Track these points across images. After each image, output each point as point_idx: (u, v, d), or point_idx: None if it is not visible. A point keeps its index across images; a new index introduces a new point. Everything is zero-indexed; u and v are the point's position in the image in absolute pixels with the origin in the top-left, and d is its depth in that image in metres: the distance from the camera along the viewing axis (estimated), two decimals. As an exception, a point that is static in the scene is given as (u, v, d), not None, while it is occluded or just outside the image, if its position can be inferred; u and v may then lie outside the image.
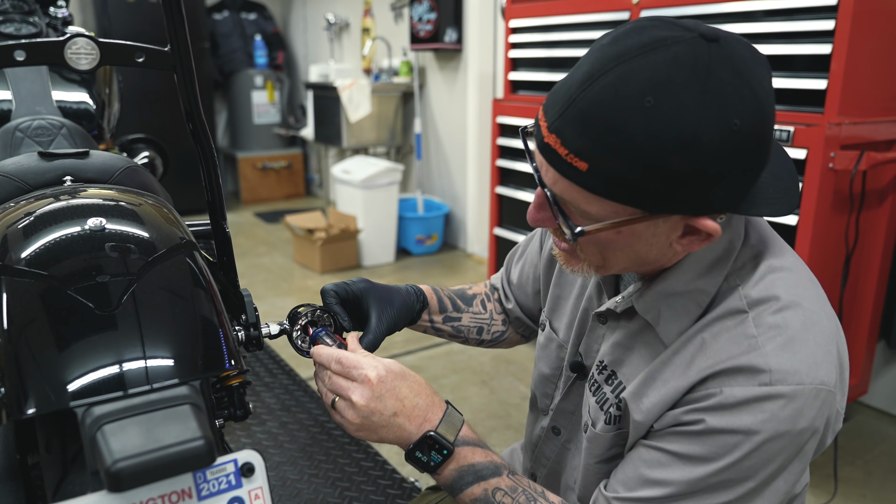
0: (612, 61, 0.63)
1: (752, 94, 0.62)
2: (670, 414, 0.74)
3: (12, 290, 0.67)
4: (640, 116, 0.61)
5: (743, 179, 0.66)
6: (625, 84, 0.61)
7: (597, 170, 0.64)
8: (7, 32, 1.52)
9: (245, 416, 0.94)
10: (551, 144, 0.66)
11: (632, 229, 0.69)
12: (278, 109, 5.70)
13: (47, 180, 0.94)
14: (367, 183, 3.91)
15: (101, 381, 0.62)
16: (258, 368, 2.68)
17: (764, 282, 0.73)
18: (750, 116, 0.62)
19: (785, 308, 0.71)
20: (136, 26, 4.61)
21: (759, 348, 0.69)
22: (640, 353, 0.80)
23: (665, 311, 0.77)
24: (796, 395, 0.68)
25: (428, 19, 3.96)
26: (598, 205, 0.67)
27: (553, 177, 0.69)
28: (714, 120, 0.61)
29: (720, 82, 0.61)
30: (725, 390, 0.69)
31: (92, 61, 0.71)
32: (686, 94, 0.60)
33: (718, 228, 0.68)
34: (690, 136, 0.60)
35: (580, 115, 0.63)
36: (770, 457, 0.69)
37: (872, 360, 2.21)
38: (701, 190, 0.64)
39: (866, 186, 1.84)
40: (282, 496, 1.90)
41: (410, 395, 0.79)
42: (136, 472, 0.55)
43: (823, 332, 0.72)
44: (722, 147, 0.61)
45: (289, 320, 0.93)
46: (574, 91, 0.64)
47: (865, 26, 1.67)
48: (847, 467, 2.06)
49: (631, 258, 0.74)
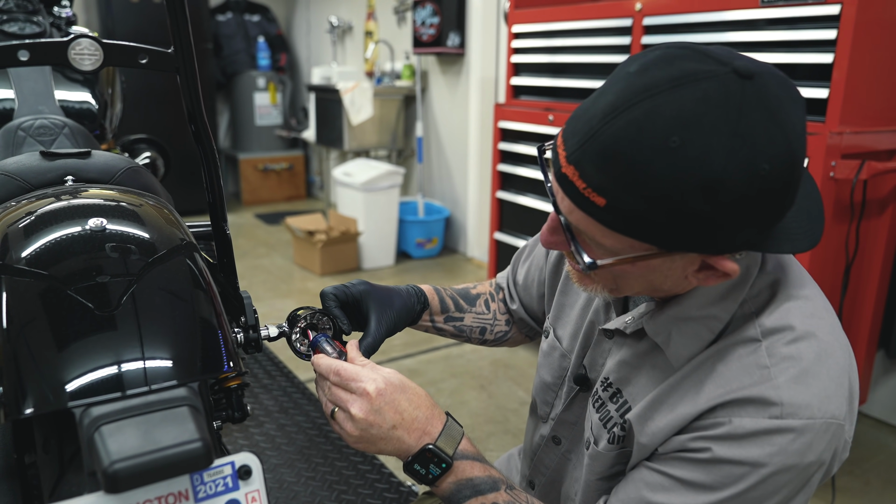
0: (638, 95, 0.59)
1: (784, 138, 0.59)
2: (676, 439, 0.72)
3: (12, 290, 0.67)
4: (665, 157, 0.58)
5: (767, 224, 0.64)
6: (650, 121, 0.58)
7: (615, 207, 0.62)
8: (11, 32, 1.52)
9: (243, 418, 0.94)
10: (569, 175, 0.64)
11: (647, 263, 0.68)
12: (280, 111, 5.71)
13: (49, 180, 0.94)
14: (368, 186, 3.91)
15: (100, 381, 0.62)
16: (256, 370, 2.68)
17: (779, 311, 0.71)
18: (780, 161, 0.59)
19: (799, 339, 0.69)
20: (140, 27, 4.62)
21: (772, 380, 0.68)
22: (647, 374, 0.79)
23: (676, 335, 0.75)
24: (806, 430, 0.66)
25: (431, 23, 3.97)
26: (614, 239, 0.65)
27: (569, 206, 0.67)
28: (742, 165, 0.57)
29: (751, 125, 0.57)
30: (735, 420, 0.68)
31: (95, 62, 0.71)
32: (715, 137, 0.57)
33: (737, 269, 0.67)
34: (716, 182, 0.58)
35: (601, 149, 0.60)
36: (775, 489, 0.68)
37: (871, 370, 2.21)
38: (722, 232, 0.62)
39: (867, 196, 1.84)
40: (278, 499, 1.89)
41: (410, 407, 0.78)
42: (133, 473, 0.55)
43: (837, 364, 0.70)
44: (748, 192, 0.59)
45: (288, 323, 0.93)
46: (596, 123, 0.61)
47: (867, 36, 1.68)
48: (845, 476, 2.06)
49: (645, 287, 0.73)
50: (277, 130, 5.70)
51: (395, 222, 4.09)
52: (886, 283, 2.05)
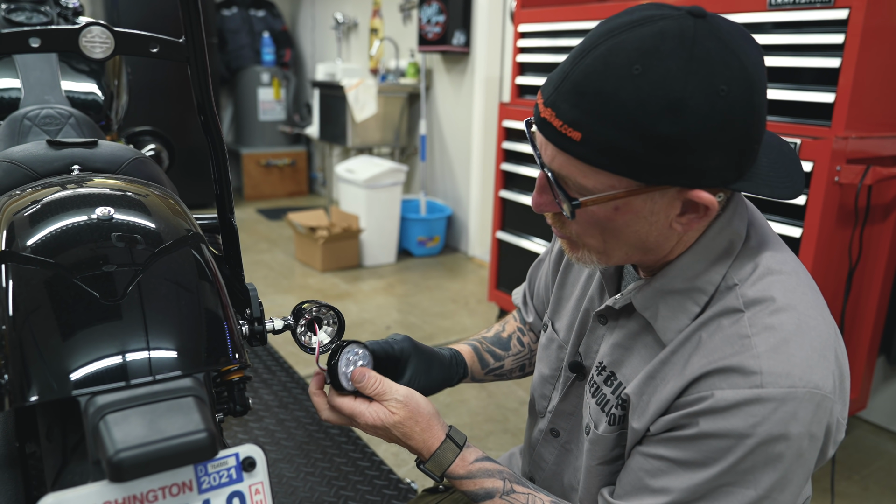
0: (602, 37, 0.66)
1: (740, 64, 0.64)
2: (664, 418, 0.74)
3: (18, 278, 0.67)
4: (629, 84, 0.63)
5: (736, 150, 0.66)
6: (613, 55, 0.64)
7: (590, 139, 0.65)
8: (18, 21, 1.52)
9: (244, 412, 0.94)
10: (547, 118, 0.69)
11: (630, 205, 0.69)
12: (284, 107, 5.70)
13: (55, 169, 0.94)
14: (371, 183, 3.91)
15: (105, 370, 0.62)
16: (257, 365, 2.68)
17: (762, 282, 0.73)
18: (738, 84, 0.64)
19: (781, 310, 0.71)
20: (145, 18, 4.61)
21: (752, 349, 0.69)
22: (639, 354, 0.81)
23: (663, 308, 0.77)
24: (788, 399, 0.67)
25: (437, 21, 3.96)
26: (595, 177, 0.68)
27: (551, 153, 0.70)
28: (701, 85, 0.62)
29: (706, 51, 0.63)
30: (717, 393, 0.69)
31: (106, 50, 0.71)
32: (672, 62, 0.62)
33: (715, 201, 0.69)
34: (678, 102, 0.62)
35: (573, 87, 0.66)
36: (766, 461, 0.68)
37: (872, 376, 2.21)
38: (693, 158, 0.65)
39: (871, 201, 1.84)
40: (277, 494, 1.89)
41: (416, 430, 0.84)
42: (138, 462, 0.54)
43: (820, 336, 0.71)
44: (711, 113, 0.63)
45: (293, 316, 0.92)
46: (567, 66, 0.68)
47: (874, 41, 1.67)
48: (844, 482, 2.05)
49: (632, 241, 0.74)
50: (281, 126, 5.69)
51: (397, 220, 4.08)
52: (888, 289, 2.05)
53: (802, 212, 1.74)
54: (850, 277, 1.87)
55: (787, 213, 1.79)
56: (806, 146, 1.71)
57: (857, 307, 2.03)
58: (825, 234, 1.74)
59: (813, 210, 1.72)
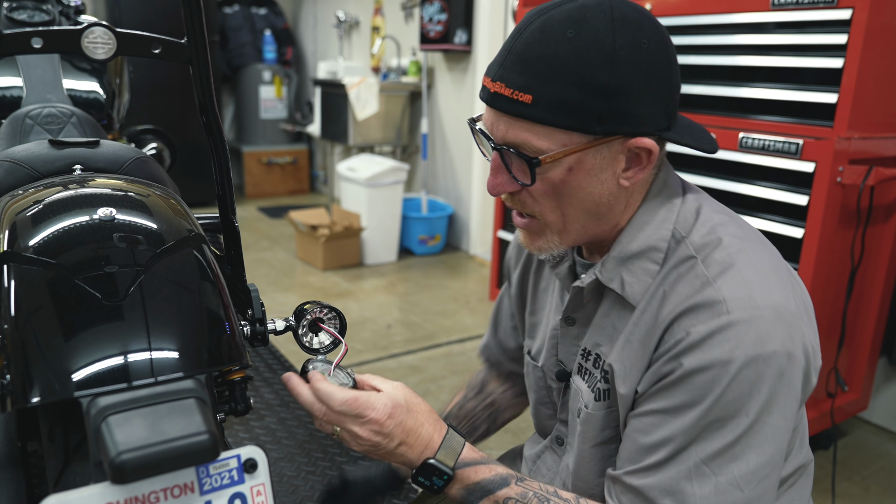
0: (533, 16, 0.75)
1: (652, 24, 0.75)
2: (649, 372, 0.77)
3: (20, 278, 0.67)
4: (567, 45, 0.72)
5: (662, 98, 0.75)
6: (548, 26, 0.73)
7: (540, 99, 0.72)
8: (20, 19, 1.52)
9: (246, 411, 0.93)
10: (498, 90, 0.75)
11: (581, 164, 0.76)
12: (285, 105, 5.70)
13: (57, 168, 0.94)
14: (372, 181, 3.90)
15: (107, 371, 0.62)
16: (257, 364, 2.68)
17: (705, 228, 0.79)
18: (654, 39, 0.74)
19: (728, 246, 0.77)
20: (147, 18, 4.61)
21: (712, 283, 0.74)
22: (613, 327, 0.84)
23: (626, 275, 0.81)
24: (754, 319, 0.71)
25: (438, 20, 3.96)
26: (548, 137, 0.74)
27: (504, 126, 0.76)
28: (627, 39, 0.72)
29: (623, 14, 0.73)
30: (692, 330, 0.73)
31: (109, 51, 0.71)
32: (599, 23, 0.72)
33: (655, 145, 0.76)
34: (611, 52, 0.71)
35: (517, 58, 0.74)
36: (751, 385, 0.71)
37: (873, 376, 2.20)
38: (630, 104, 0.73)
39: (873, 202, 1.84)
40: (278, 493, 1.89)
41: (414, 425, 0.81)
42: (140, 464, 0.54)
43: (770, 263, 0.77)
44: (639, 62, 0.72)
45: (295, 317, 0.92)
46: (508, 45, 0.76)
47: (878, 41, 1.67)
48: (845, 482, 2.05)
49: (587, 205, 0.79)
50: (282, 124, 5.69)
51: (399, 218, 4.08)
52: (890, 290, 2.05)
53: (805, 212, 1.74)
54: (852, 278, 1.87)
55: (789, 214, 1.78)
56: (808, 146, 1.70)
57: (859, 308, 2.03)
58: (827, 235, 1.74)
59: (815, 211, 1.71)
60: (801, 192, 1.75)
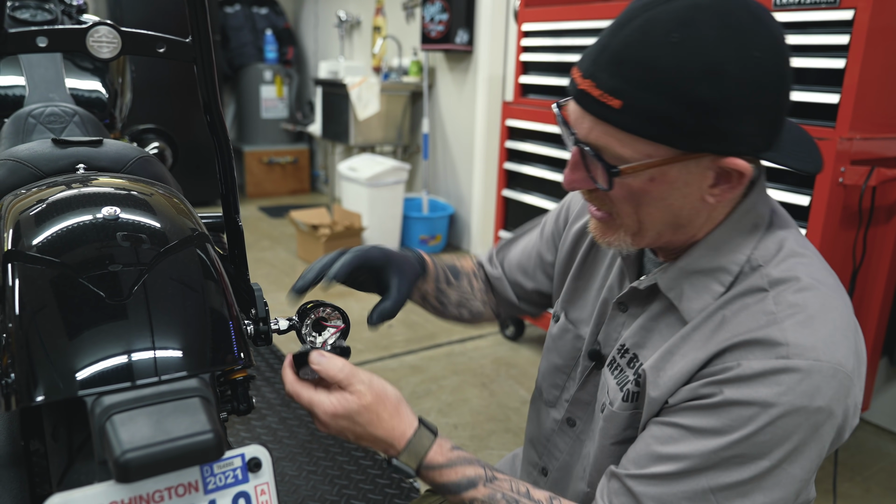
0: (638, 10, 0.69)
1: (769, 33, 0.68)
2: (686, 388, 0.74)
3: (24, 277, 0.67)
4: (668, 51, 0.65)
5: (767, 117, 0.69)
6: (651, 25, 0.67)
7: (630, 106, 0.67)
8: (23, 18, 1.52)
9: (248, 411, 0.93)
10: (586, 89, 0.70)
11: (665, 175, 0.71)
12: (286, 105, 5.70)
13: (60, 167, 0.94)
14: (373, 181, 3.90)
15: (111, 370, 0.62)
16: (259, 363, 2.68)
17: (786, 264, 0.75)
18: (769, 52, 0.67)
19: (805, 289, 0.72)
20: (149, 17, 4.60)
21: (778, 323, 0.70)
22: (661, 334, 0.81)
23: (688, 289, 0.78)
24: (812, 371, 0.68)
25: (440, 20, 3.96)
26: (632, 146, 0.70)
27: (588, 125, 0.72)
28: (736, 52, 0.65)
29: (739, 20, 0.66)
30: (743, 363, 0.70)
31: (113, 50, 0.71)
32: (708, 30, 0.65)
33: (748, 167, 0.70)
34: (716, 66, 0.65)
35: (612, 57, 0.68)
36: (785, 434, 0.68)
37: (875, 377, 2.20)
38: (729, 123, 0.67)
39: (875, 202, 1.84)
40: (279, 492, 1.89)
41: (385, 415, 0.78)
42: (144, 463, 0.54)
43: (842, 317, 0.73)
44: (746, 78, 0.66)
45: (298, 316, 0.92)
46: (605, 39, 0.70)
47: (880, 41, 1.67)
48: (846, 483, 2.05)
49: (666, 216, 0.75)
50: (283, 124, 5.69)
51: (400, 218, 4.08)
52: (892, 290, 2.05)
53: (806, 213, 1.74)
54: (854, 279, 1.87)
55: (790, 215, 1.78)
56: (810, 147, 1.70)
57: (861, 309, 2.03)
58: (829, 236, 1.74)
59: (817, 211, 1.71)
60: (802, 192, 1.75)
